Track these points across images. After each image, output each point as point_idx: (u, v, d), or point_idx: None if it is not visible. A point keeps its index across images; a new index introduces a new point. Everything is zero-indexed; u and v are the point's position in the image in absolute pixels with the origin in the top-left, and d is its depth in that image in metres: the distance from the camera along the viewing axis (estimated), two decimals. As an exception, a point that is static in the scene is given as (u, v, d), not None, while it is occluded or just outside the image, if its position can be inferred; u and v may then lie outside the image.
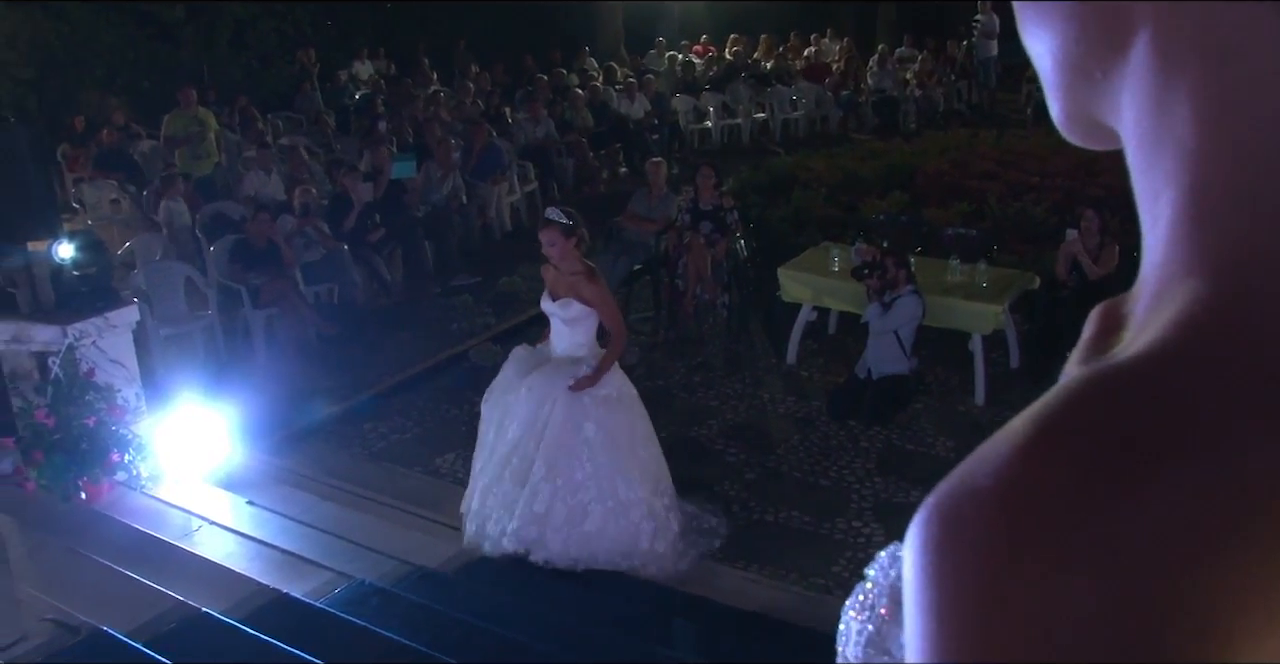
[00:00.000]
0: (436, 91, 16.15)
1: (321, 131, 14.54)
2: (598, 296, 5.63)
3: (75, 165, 13.44)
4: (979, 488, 0.42)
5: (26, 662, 3.79)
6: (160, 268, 9.04)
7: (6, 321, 6.05)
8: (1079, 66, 0.52)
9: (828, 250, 8.45)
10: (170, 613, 4.29)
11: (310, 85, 17.16)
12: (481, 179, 12.21)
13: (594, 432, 5.57)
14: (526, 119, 14.39)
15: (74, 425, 5.55)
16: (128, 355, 6.22)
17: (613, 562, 5.53)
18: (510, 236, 12.36)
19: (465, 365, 8.77)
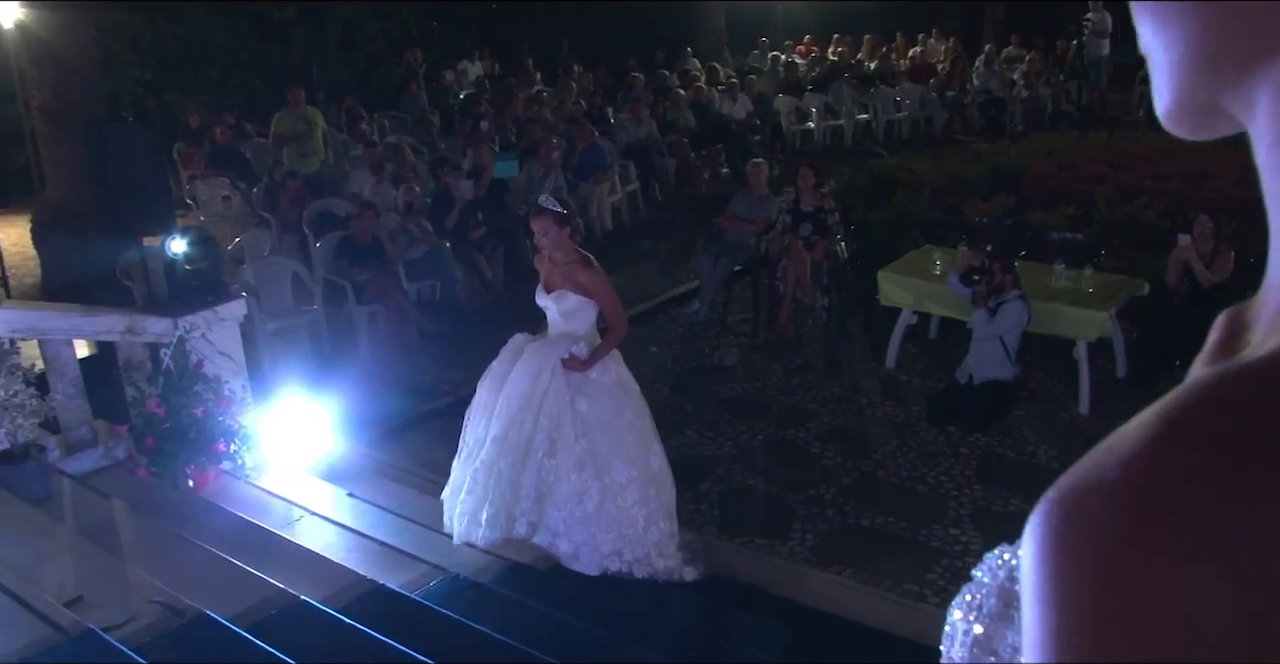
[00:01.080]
0: (540, 91, 16.28)
1: (426, 131, 14.75)
2: (595, 283, 5.40)
3: (190, 163, 13.82)
4: (1105, 479, 0.42)
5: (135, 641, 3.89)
6: (268, 263, 9.25)
7: (122, 313, 6.23)
8: (1213, 58, 0.51)
9: (929, 254, 8.34)
10: (270, 600, 4.38)
11: (416, 85, 17.41)
12: (583, 178, 12.28)
13: (587, 407, 5.38)
14: (629, 119, 14.43)
15: (183, 415, 5.70)
16: (235, 348, 6.36)
17: (616, 548, 5.36)
18: (611, 236, 12.42)
19: (562, 364, 8.83)
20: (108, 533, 5.08)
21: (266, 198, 11.41)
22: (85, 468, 5.92)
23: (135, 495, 5.58)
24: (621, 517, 5.36)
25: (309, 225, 10.36)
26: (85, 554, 4.75)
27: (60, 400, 5.96)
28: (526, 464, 5.37)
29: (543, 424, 5.35)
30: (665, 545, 5.47)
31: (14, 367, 5.43)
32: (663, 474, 5.53)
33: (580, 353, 5.39)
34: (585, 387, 5.38)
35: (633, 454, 5.41)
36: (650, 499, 5.44)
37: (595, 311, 5.46)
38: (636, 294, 10.42)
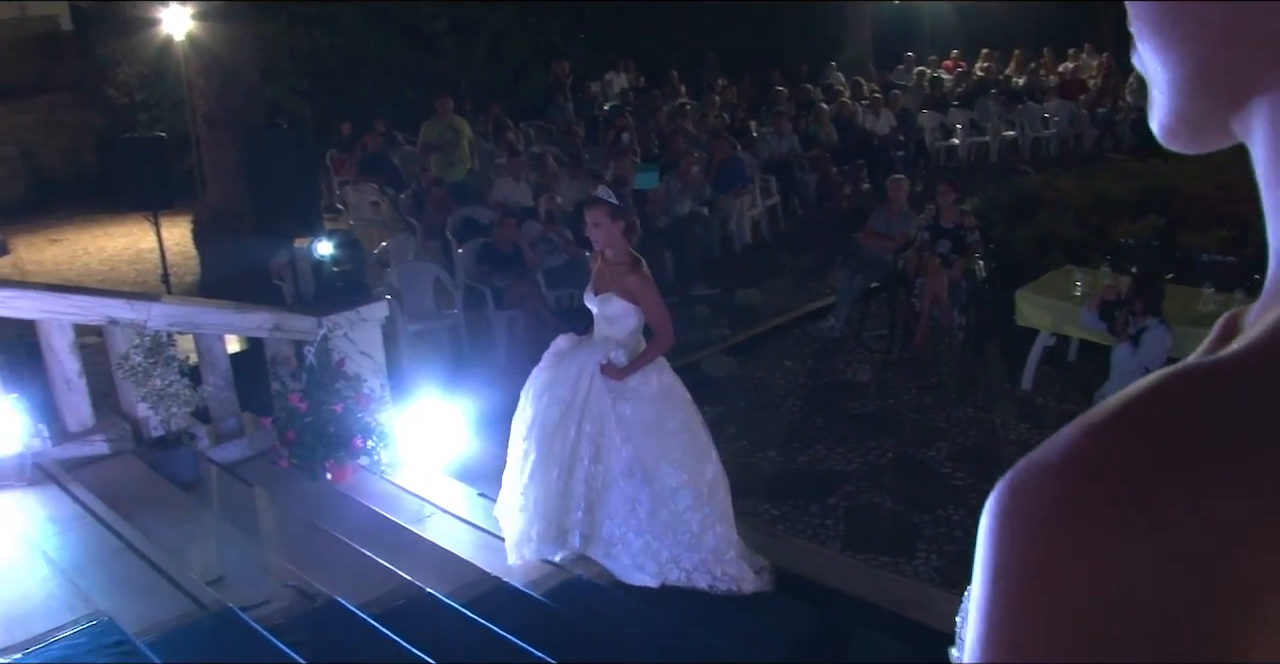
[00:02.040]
0: (683, 104, 16.38)
1: (571, 141, 14.96)
2: (641, 289, 5.12)
3: (341, 169, 14.28)
4: (1049, 460, 0.45)
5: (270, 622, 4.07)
6: (412, 267, 9.51)
7: (271, 311, 6.50)
8: (1215, 77, 0.52)
9: (1070, 274, 8.14)
10: (398, 591, 4.51)
11: (562, 96, 17.67)
12: (723, 192, 12.32)
13: (630, 412, 5.16)
14: (771, 133, 14.43)
15: (324, 410, 5.91)
16: (376, 348, 6.56)
17: (673, 555, 5.19)
18: (750, 250, 12.44)
19: (697, 375, 8.87)
20: (249, 519, 5.30)
21: (413, 204, 11.74)
22: (232, 457, 6.19)
23: (276, 485, 5.81)
24: (675, 522, 5.19)
25: (453, 231, 10.62)
26: (228, 537, 4.97)
27: (211, 392, 6.24)
28: (574, 473, 5.20)
29: (586, 431, 5.18)
30: (723, 551, 5.28)
31: (171, 358, 5.70)
32: (718, 481, 5.32)
33: (618, 359, 5.19)
34: (625, 392, 5.18)
35: (680, 459, 5.20)
36: (704, 504, 5.24)
37: (639, 318, 5.21)
38: (773, 308, 10.42)
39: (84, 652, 3.52)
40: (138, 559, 4.50)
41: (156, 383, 5.64)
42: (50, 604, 3.83)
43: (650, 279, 5.22)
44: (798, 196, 13.86)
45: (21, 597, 3.88)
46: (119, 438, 6.04)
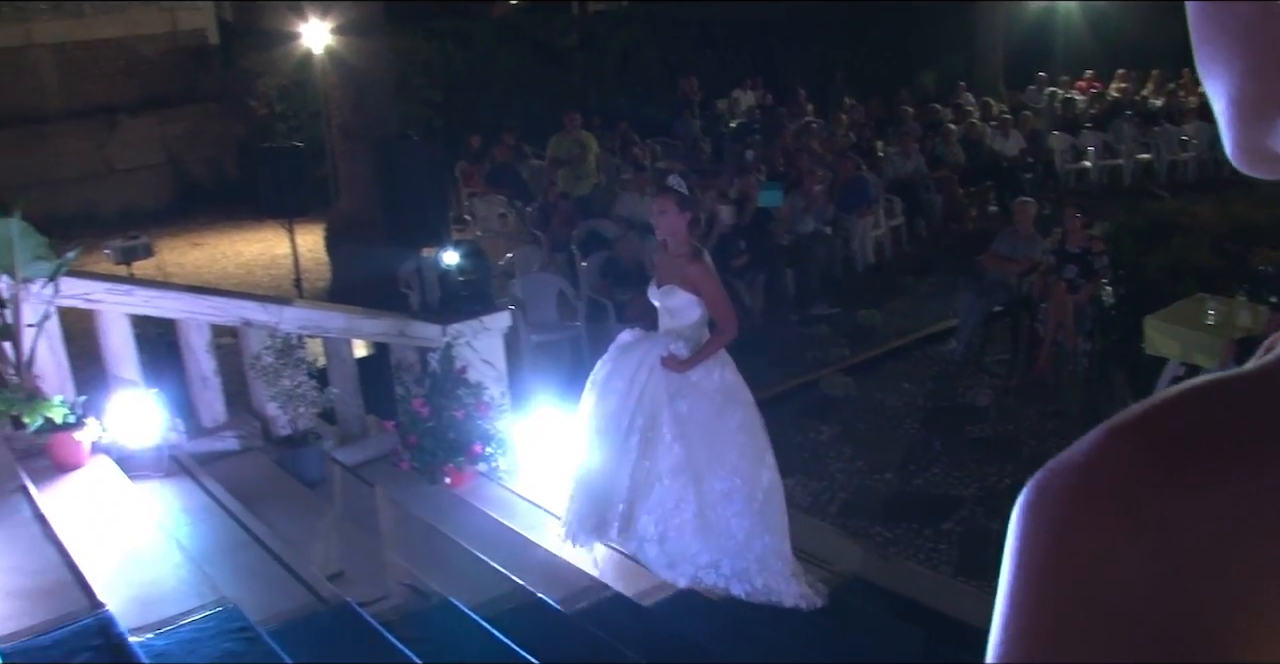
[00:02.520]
0: (809, 122, 16.34)
1: (698, 158, 15.03)
2: (703, 280, 5.04)
3: (470, 181, 14.57)
4: (1070, 461, 0.48)
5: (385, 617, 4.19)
6: (536, 279, 9.66)
7: (397, 318, 6.68)
8: (1257, 105, 0.54)
9: (1203, 303, 7.90)
10: (510, 595, 4.60)
11: (690, 113, 17.76)
12: (847, 211, 12.26)
13: (687, 409, 5.05)
14: (897, 153, 14.31)
15: (445, 416, 6.04)
16: (498, 357, 6.68)
17: (713, 560, 5.07)
18: (873, 270, 12.35)
19: (814, 394, 8.86)
20: (370, 518, 5.45)
21: (539, 217, 11.92)
22: (355, 458, 6.36)
23: (396, 487, 5.96)
24: (721, 527, 5.07)
25: (577, 245, 10.76)
26: (348, 535, 5.12)
27: (338, 394, 6.44)
28: (621, 466, 5.13)
29: (638, 424, 5.09)
30: (769, 562, 5.13)
31: (300, 360, 5.90)
32: (773, 490, 5.19)
33: (680, 352, 5.11)
34: (685, 388, 5.08)
35: (734, 463, 5.09)
36: (754, 512, 5.11)
37: (702, 310, 5.13)
38: (893, 329, 10.34)
39: (210, 635, 3.67)
40: (262, 551, 4.67)
41: (286, 383, 5.84)
42: (181, 589, 4.00)
43: (712, 270, 5.14)
44: (922, 218, 13.70)
45: (155, 580, 4.06)
46: (249, 435, 6.27)
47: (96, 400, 5.53)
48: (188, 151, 18.16)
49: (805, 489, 7.22)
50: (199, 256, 14.59)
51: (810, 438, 8.03)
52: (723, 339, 5.12)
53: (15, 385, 5.26)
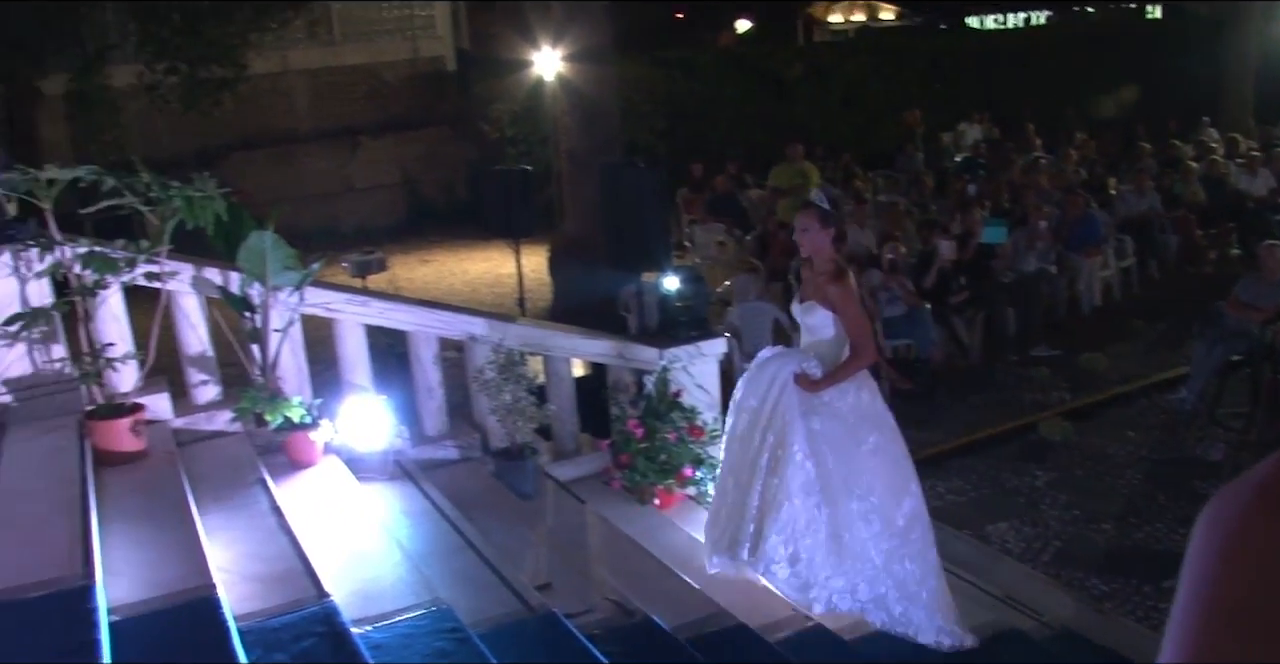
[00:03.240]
0: (1037, 158, 15.91)
1: (919, 191, 14.83)
2: (841, 298, 4.90)
3: (691, 208, 14.75)
4: (1247, 477, 0.58)
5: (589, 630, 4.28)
6: (753, 308, 9.69)
7: (616, 340, 6.82)
8: None
9: None
10: (711, 619, 4.61)
11: (913, 145, 17.55)
12: (1075, 250, 11.87)
13: (820, 427, 4.88)
14: (1130, 190, 13.77)
15: (657, 438, 6.13)
16: (712, 382, 6.74)
17: (850, 584, 4.86)
18: (1099, 312, 11.92)
19: (1032, 438, 8.60)
20: (579, 533, 5.57)
21: (758, 246, 11.98)
22: (568, 474, 6.51)
23: (606, 504, 6.07)
24: (857, 550, 4.87)
25: (795, 275, 10.72)
26: (558, 548, 5.24)
27: (555, 411, 6.61)
28: (753, 484, 5.00)
29: (768, 442, 4.96)
30: (910, 589, 4.90)
31: (521, 376, 6.09)
32: (916, 517, 4.98)
33: (813, 370, 4.96)
34: (818, 406, 4.93)
35: (870, 484, 4.90)
36: (894, 536, 4.90)
37: (839, 330, 4.98)
38: (1119, 374, 9.94)
39: (424, 633, 3.82)
40: (476, 557, 4.83)
41: (506, 398, 6.03)
42: (398, 587, 4.17)
43: (853, 290, 5.02)
44: (1156, 259, 13.14)
45: (375, 577, 4.25)
46: (468, 446, 6.50)
47: (330, 404, 5.84)
48: (422, 172, 18.99)
49: (1018, 534, 7.01)
50: (428, 272, 15.23)
51: (1025, 482, 7.80)
52: (857, 363, 4.96)
53: (260, 385, 5.61)
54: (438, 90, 19.99)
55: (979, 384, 9.89)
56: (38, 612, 3.20)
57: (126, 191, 5.15)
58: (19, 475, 4.40)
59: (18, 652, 3.03)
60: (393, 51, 20.12)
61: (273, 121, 18.69)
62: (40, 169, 5.01)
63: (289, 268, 5.58)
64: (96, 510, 4.04)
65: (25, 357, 5.35)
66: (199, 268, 5.78)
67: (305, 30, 17.63)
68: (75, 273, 5.17)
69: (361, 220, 17.97)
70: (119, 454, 4.90)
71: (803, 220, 5.01)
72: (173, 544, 4.00)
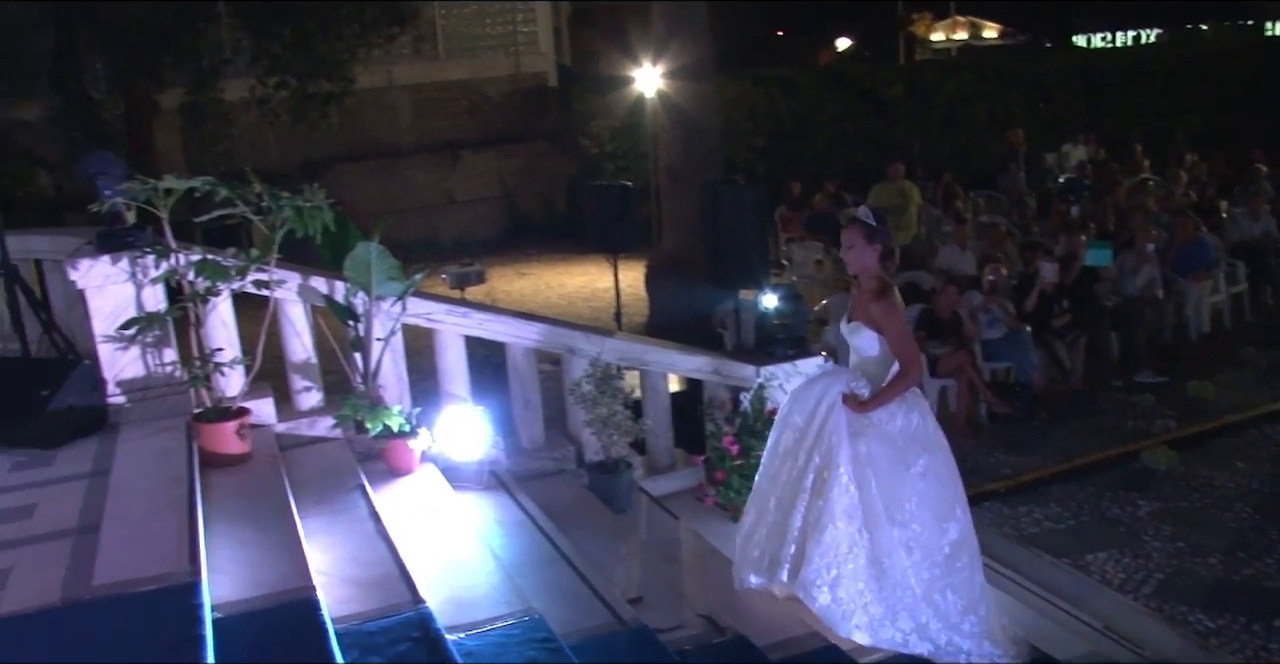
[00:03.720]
0: (1144, 180, 15.58)
1: (1021, 212, 14.61)
2: (884, 316, 4.75)
3: (789, 226, 14.71)
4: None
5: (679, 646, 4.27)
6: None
7: (712, 356, 6.81)
8: None
9: None
10: (800, 640, 4.56)
11: (1015, 165, 17.31)
12: (1183, 274, 11.59)
13: (867, 450, 4.74)
14: (1243, 214, 13.41)
15: (752, 456, 6.08)
16: (807, 401, 6.68)
17: (890, 612, 4.69)
18: (1208, 339, 11.62)
19: (1135, 466, 8.41)
20: (671, 548, 5.56)
21: (854, 265, 11.87)
22: (661, 489, 6.51)
23: (699, 521, 6.05)
24: (897, 578, 4.71)
25: (888, 295, 10.64)
26: (650, 563, 5.24)
27: (650, 426, 6.62)
28: (796, 504, 4.87)
29: (814, 462, 4.83)
30: (953, 619, 4.74)
31: (618, 390, 6.11)
32: (962, 544, 4.81)
33: (860, 391, 4.83)
34: (867, 429, 4.78)
35: (914, 512, 4.74)
36: (934, 566, 4.75)
37: (886, 349, 4.83)
38: (1227, 403, 9.67)
39: (516, 642, 3.85)
40: (569, 569, 4.85)
41: (602, 411, 6.06)
42: (492, 596, 4.21)
43: (898, 307, 4.86)
44: (1270, 285, 12.75)
45: (469, 585, 4.29)
46: (563, 458, 6.54)
47: (429, 413, 5.92)
48: (521, 186, 19.21)
49: (1118, 565, 6.84)
50: (525, 285, 15.38)
51: (1127, 512, 7.61)
52: (904, 382, 4.80)
53: (361, 393, 5.71)
54: (538, 105, 20.22)
55: (1080, 409, 9.69)
56: (146, 605, 3.29)
57: (239, 201, 5.28)
58: (131, 473, 4.53)
59: (127, 643, 3.11)
60: (495, 67, 20.42)
61: (376, 135, 19.07)
62: (158, 179, 5.17)
63: (393, 278, 5.67)
64: (202, 510, 4.14)
65: (139, 360, 5.51)
66: (306, 276, 5.90)
67: (410, 46, 17.94)
68: (188, 280, 5.31)
69: (461, 233, 18.23)
70: (224, 456, 5.01)
71: (848, 237, 4.90)
72: (274, 545, 4.08)
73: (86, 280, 5.37)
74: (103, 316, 5.42)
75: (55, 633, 3.18)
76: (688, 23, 12.08)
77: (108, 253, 5.39)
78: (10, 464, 4.78)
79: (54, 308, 6.51)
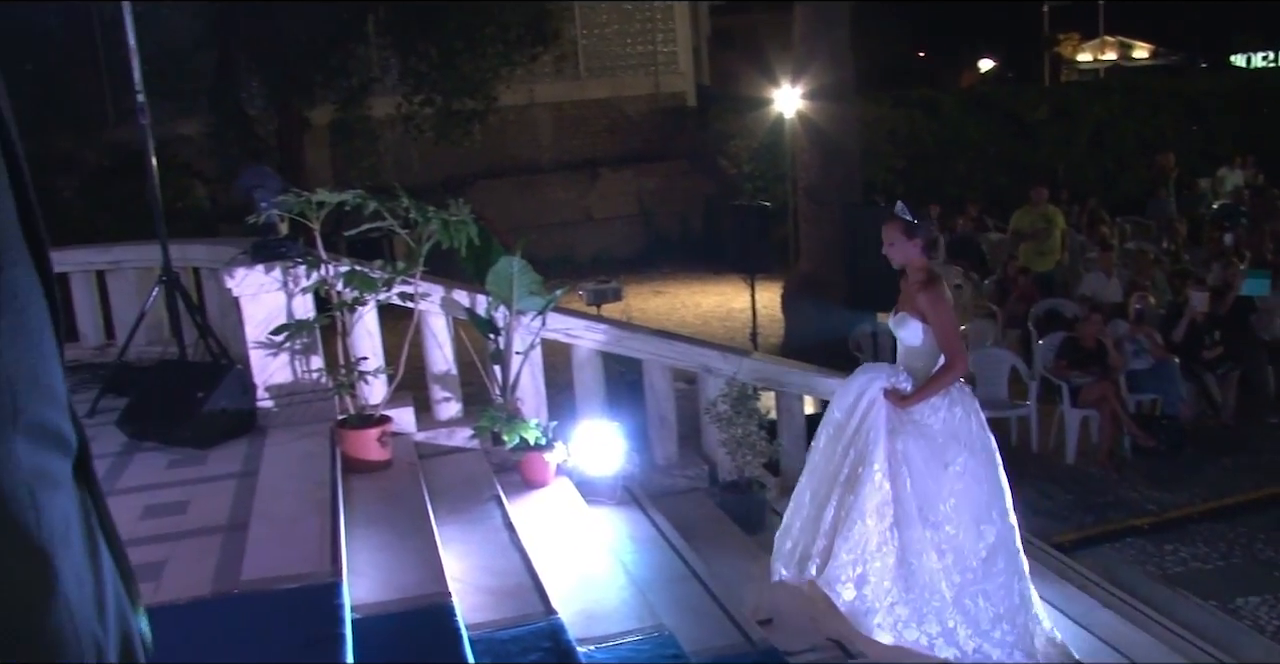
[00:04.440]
0: (1308, 208, 14.95)
1: (1171, 239, 14.15)
2: (932, 306, 4.74)
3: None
4: None
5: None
6: (988, 354, 9.42)
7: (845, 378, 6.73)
8: None
9: None
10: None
11: (1165, 191, 16.77)
12: (1349, 305, 11.07)
13: (903, 447, 4.69)
14: None
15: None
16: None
17: (916, 614, 4.59)
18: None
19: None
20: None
21: (997, 291, 11.66)
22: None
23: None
24: (925, 581, 4.61)
25: (1034, 322, 10.42)
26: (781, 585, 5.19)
27: (784, 447, 6.57)
28: (829, 500, 4.83)
29: (850, 457, 4.80)
30: (983, 626, 4.63)
31: (753, 410, 6.09)
32: (999, 547, 4.71)
33: (903, 385, 4.76)
34: (907, 424, 4.73)
35: (948, 513, 4.64)
36: (966, 571, 4.63)
37: (931, 341, 4.81)
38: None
39: (645, 657, 3.85)
40: (699, 587, 4.84)
41: (738, 432, 6.04)
42: (623, 610, 4.22)
43: (945, 298, 4.84)
44: None
45: (600, 599, 4.31)
46: (696, 477, 6.54)
47: (564, 427, 5.98)
48: (658, 205, 19.31)
49: (1272, 611, 6.54)
50: (660, 304, 15.43)
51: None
52: (949, 374, 4.76)
53: (499, 405, 5.79)
54: (677, 125, 20.32)
55: (1232, 445, 9.31)
56: (290, 602, 3.38)
57: (387, 215, 5.42)
58: (277, 475, 4.66)
59: (271, 637, 3.20)
60: (635, 86, 20.60)
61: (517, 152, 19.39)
62: (309, 192, 5.33)
63: (534, 293, 5.75)
64: (344, 513, 4.24)
65: (287, 366, 5.68)
66: (449, 289, 6.02)
67: (552, 65, 18.21)
68: (336, 290, 5.46)
69: (598, 250, 18.40)
70: (366, 462, 5.13)
71: (887, 234, 4.94)
72: (412, 551, 4.16)
73: (241, 288, 5.56)
74: (255, 323, 5.61)
75: (205, 623, 3.29)
76: (829, 43, 12.02)
77: (262, 262, 5.57)
78: (167, 461, 4.98)
79: (209, 314, 6.77)
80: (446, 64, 14.51)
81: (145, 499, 4.45)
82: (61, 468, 0.72)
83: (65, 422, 0.74)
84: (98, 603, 0.72)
